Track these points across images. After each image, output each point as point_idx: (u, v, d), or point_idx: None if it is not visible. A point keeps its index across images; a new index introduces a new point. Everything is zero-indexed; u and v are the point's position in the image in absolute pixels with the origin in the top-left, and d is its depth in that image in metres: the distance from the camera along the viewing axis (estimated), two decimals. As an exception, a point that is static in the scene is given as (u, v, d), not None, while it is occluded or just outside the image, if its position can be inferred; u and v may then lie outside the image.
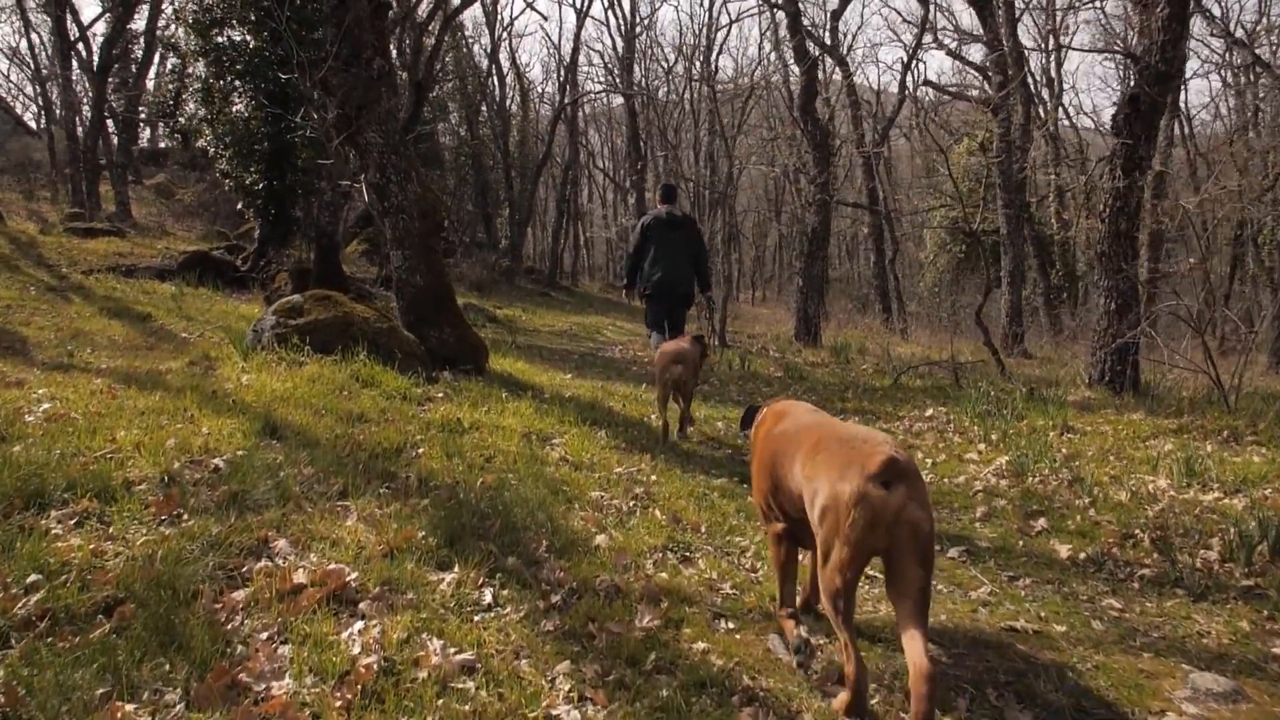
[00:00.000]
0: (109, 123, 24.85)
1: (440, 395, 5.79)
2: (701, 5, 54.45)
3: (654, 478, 4.46)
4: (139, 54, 25.96)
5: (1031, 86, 22.78)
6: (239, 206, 16.03)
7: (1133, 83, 9.19)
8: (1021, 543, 4.06)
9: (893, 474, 2.17)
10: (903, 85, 22.03)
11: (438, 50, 22.34)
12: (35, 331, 7.98)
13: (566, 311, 21.24)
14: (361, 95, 6.44)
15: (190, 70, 15.63)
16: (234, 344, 6.39)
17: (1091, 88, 72.30)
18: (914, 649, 2.07)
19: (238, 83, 14.35)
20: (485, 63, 30.41)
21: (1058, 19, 26.54)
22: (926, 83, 17.59)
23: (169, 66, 25.15)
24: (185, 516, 2.93)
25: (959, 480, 5.37)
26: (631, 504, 3.88)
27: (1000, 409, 7.35)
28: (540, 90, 38.01)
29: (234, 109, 14.46)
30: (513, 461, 4.24)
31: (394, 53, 22.56)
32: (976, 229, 13.46)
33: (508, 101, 30.82)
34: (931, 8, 21.91)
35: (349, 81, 6.43)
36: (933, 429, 7.10)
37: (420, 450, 4.21)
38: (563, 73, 30.71)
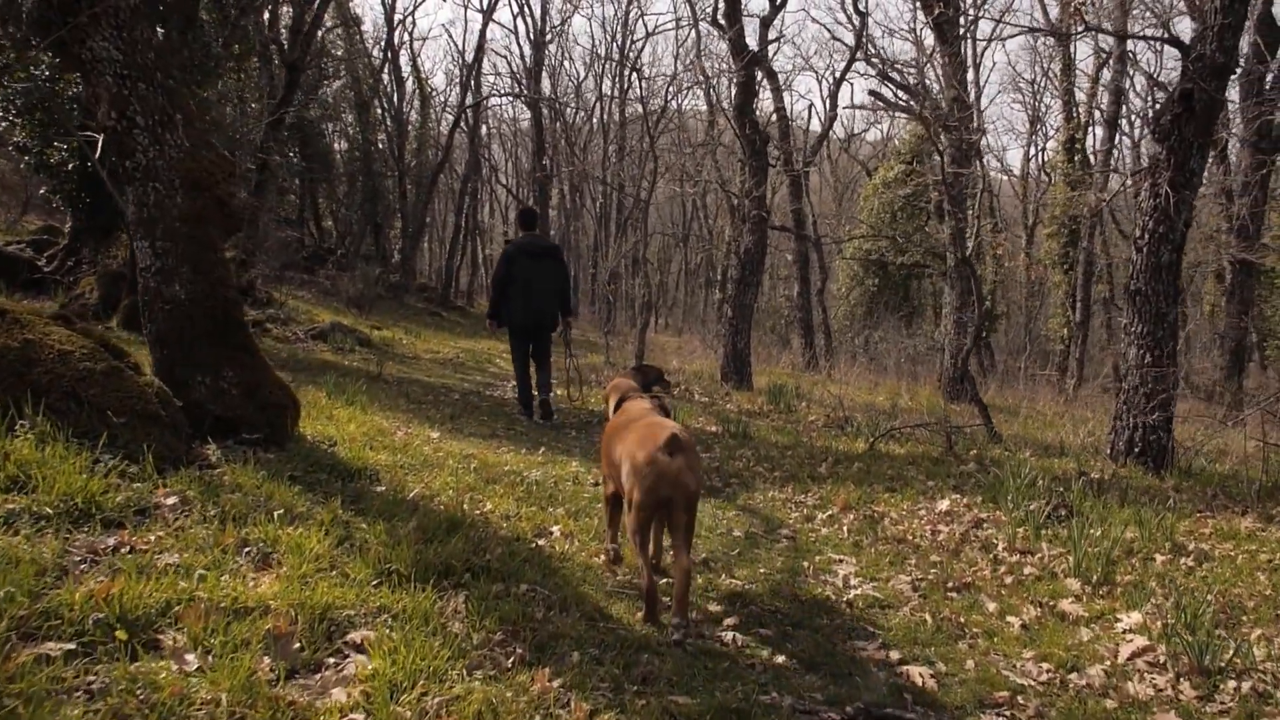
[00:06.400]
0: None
1: (169, 504, 3.10)
2: (616, 14, 52.46)
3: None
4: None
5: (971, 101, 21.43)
6: (41, 191, 12.77)
7: (1181, 76, 7.31)
8: None
9: (675, 446, 2.95)
10: (835, 100, 20.40)
11: (315, 28, 19.38)
12: None
13: (456, 335, 18.47)
14: (79, -26, 3.76)
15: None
16: None
17: (998, 128, 73.85)
18: (679, 557, 2.97)
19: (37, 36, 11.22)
20: (381, 55, 27.42)
21: (978, 49, 25.65)
22: (871, 94, 15.79)
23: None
24: None
25: (1094, 677, 3.02)
26: None
27: (1056, 509, 5.12)
28: (443, 100, 34.89)
29: (34, 67, 11.29)
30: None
31: (265, 26, 19.64)
32: (906, 260, 11.57)
33: (405, 107, 27.82)
34: (865, 26, 20.28)
35: (57, -51, 3.74)
36: (972, 542, 4.79)
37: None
38: (464, 74, 27.97)
